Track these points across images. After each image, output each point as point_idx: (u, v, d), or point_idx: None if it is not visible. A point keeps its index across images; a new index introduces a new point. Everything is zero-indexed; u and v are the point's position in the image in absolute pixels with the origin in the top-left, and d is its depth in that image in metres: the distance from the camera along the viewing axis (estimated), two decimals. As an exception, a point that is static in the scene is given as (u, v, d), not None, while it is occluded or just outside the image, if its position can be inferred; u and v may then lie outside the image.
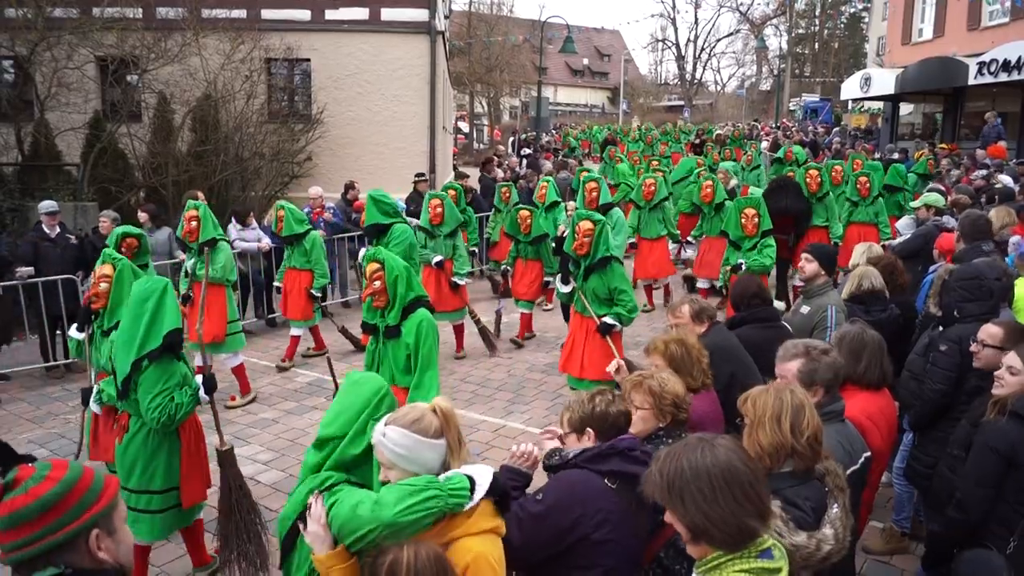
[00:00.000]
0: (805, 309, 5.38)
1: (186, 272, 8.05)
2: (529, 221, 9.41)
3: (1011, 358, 3.56)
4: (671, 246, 11.14)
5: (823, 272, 5.47)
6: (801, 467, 2.71)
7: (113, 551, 1.87)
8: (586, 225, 6.39)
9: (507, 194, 11.69)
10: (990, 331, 3.95)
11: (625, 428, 2.98)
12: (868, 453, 3.29)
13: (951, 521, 3.64)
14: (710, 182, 10.72)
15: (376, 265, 4.63)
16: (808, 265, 5.50)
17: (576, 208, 9.31)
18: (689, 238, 11.10)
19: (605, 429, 2.91)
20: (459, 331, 9.24)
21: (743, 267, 7.98)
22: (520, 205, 10.05)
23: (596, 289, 6.41)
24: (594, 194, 9.42)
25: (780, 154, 16.64)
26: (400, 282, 4.61)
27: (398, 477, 2.43)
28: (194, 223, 7.61)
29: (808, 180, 10.34)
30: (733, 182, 12.29)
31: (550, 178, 11.79)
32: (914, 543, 4.99)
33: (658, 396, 3.20)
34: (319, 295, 8.78)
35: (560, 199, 11.01)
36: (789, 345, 3.50)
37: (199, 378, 4.43)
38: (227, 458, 4.67)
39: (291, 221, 8.75)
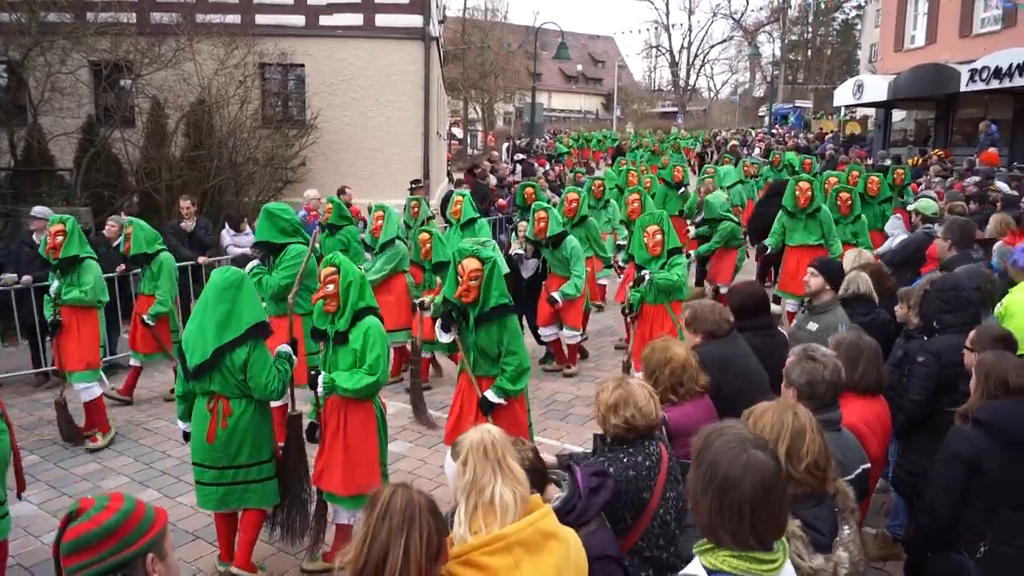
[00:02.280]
0: (813, 326, 5.17)
1: (50, 295, 7.06)
2: (429, 245, 8.02)
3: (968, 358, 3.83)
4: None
5: (828, 287, 5.29)
6: (799, 493, 2.63)
7: (164, 573, 2.11)
8: (472, 264, 4.93)
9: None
10: (970, 336, 4.07)
11: (537, 483, 2.98)
12: (867, 465, 3.30)
13: (922, 527, 3.75)
14: (636, 196, 10.10)
15: (332, 269, 4.65)
16: (813, 279, 5.32)
17: (525, 232, 8.74)
18: (619, 261, 9.86)
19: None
20: (398, 353, 8.57)
21: (647, 278, 7.10)
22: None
23: (485, 345, 5.03)
24: (542, 224, 8.37)
25: (787, 161, 16.70)
26: (353, 288, 4.64)
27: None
28: (59, 238, 6.84)
29: (797, 194, 9.17)
30: (723, 196, 11.29)
31: (466, 192, 10.28)
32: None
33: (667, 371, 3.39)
34: (151, 323, 7.75)
35: (476, 215, 9.44)
36: (799, 345, 3.55)
37: (285, 347, 4.97)
38: (295, 423, 5.07)
39: (140, 239, 7.84)
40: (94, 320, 7.06)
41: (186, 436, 4.80)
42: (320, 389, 4.60)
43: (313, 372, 4.66)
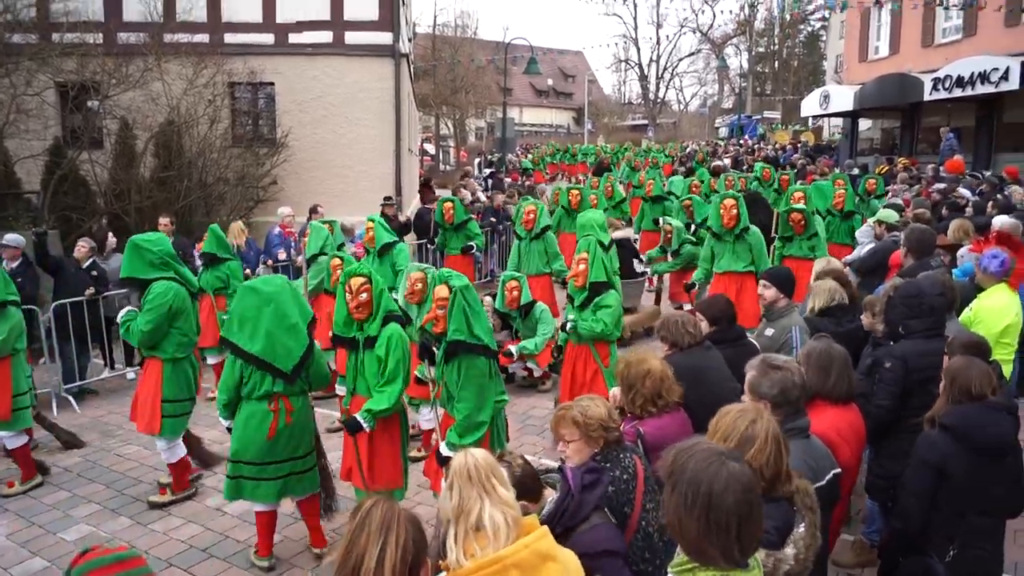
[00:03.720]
0: (769, 332, 5.40)
1: None
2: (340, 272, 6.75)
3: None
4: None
5: (782, 295, 5.47)
6: (763, 490, 2.63)
7: None
8: (441, 292, 4.85)
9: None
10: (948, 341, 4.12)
11: (533, 489, 3.06)
12: (837, 470, 3.32)
13: (894, 531, 3.85)
14: (532, 207, 9.84)
15: (363, 279, 4.84)
16: (766, 291, 5.48)
17: (493, 305, 8.48)
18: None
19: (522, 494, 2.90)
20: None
21: (568, 327, 6.47)
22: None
23: (448, 383, 4.79)
24: (515, 293, 8.15)
25: (757, 172, 16.69)
26: (385, 295, 4.93)
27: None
28: None
29: (722, 213, 8.59)
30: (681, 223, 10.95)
31: (376, 216, 9.31)
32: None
33: (583, 425, 3.22)
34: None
35: (393, 239, 8.74)
36: (756, 357, 3.55)
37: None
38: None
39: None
40: (5, 370, 6.35)
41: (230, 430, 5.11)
42: (367, 426, 4.79)
43: (347, 419, 4.92)
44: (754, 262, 8.54)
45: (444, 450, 4.76)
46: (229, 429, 5.10)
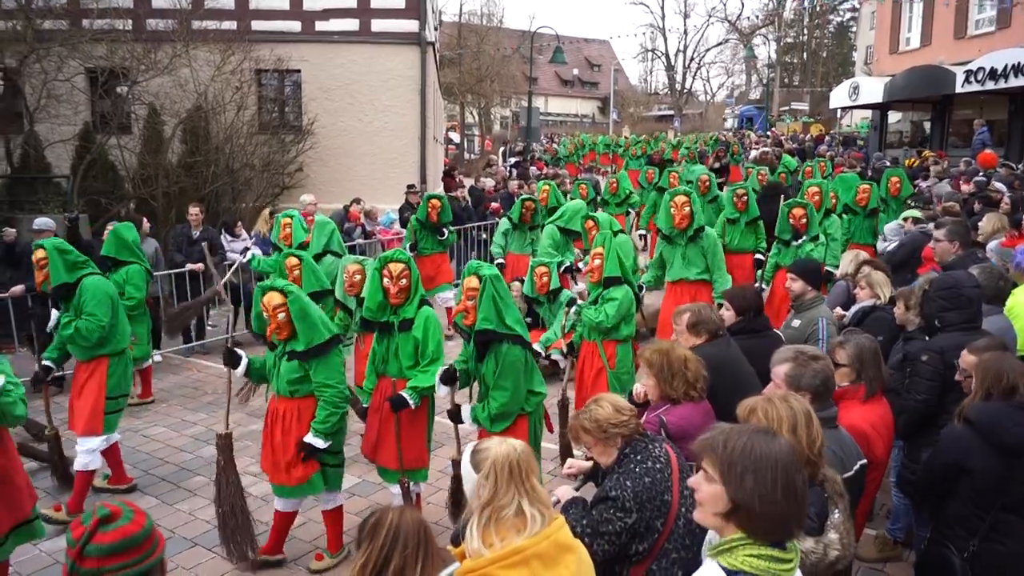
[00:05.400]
0: (796, 323, 5.43)
1: None
2: (297, 272, 6.66)
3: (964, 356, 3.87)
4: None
5: (810, 287, 5.52)
6: (810, 474, 2.69)
7: None
8: (470, 283, 4.74)
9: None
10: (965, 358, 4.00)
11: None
12: (864, 461, 3.31)
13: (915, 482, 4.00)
14: (436, 200, 9.89)
15: (403, 265, 4.95)
16: (794, 284, 5.56)
17: (521, 290, 7.89)
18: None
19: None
20: None
21: (574, 308, 6.40)
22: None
23: (486, 376, 4.76)
24: (544, 279, 7.49)
25: (789, 165, 16.37)
26: (419, 280, 5.07)
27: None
28: None
29: (673, 212, 7.51)
30: None
31: (293, 212, 8.90)
32: (907, 551, 4.99)
33: (595, 429, 3.22)
34: None
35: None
36: (782, 349, 3.54)
37: None
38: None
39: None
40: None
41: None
42: (412, 403, 4.84)
43: (393, 398, 4.89)
44: (708, 269, 7.46)
45: (465, 412, 4.93)
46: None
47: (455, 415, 5.03)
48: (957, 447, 3.48)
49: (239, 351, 5.06)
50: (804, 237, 8.13)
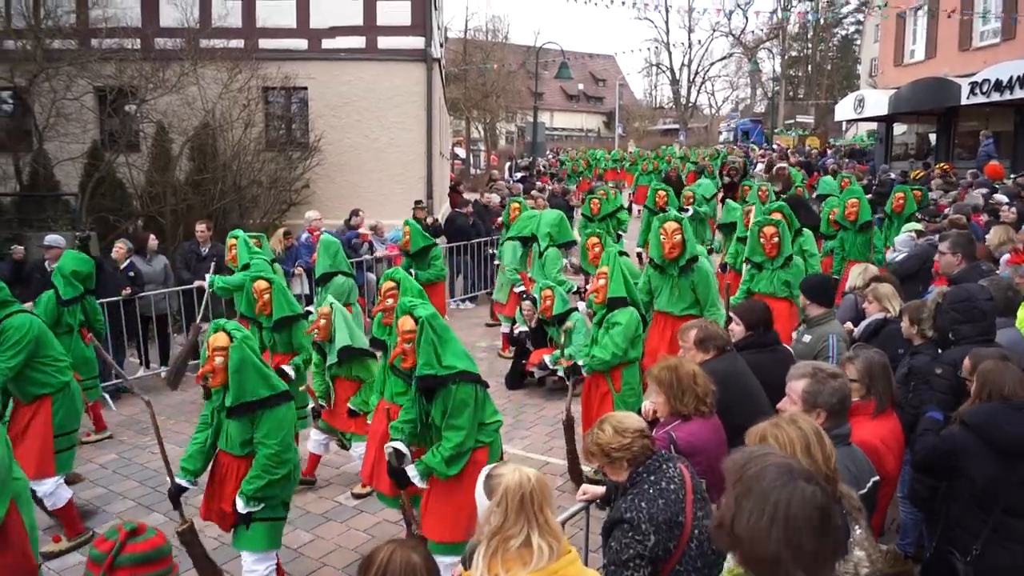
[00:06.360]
0: (807, 338, 5.41)
1: None
2: (268, 296, 6.33)
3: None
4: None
5: (819, 305, 5.52)
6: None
7: None
8: (405, 324, 4.43)
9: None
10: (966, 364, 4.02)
11: None
12: (876, 478, 3.29)
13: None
14: (406, 227, 9.93)
15: (392, 284, 4.89)
16: (803, 298, 5.66)
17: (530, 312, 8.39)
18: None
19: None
20: None
21: (583, 364, 6.07)
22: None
23: (435, 419, 4.42)
24: (548, 303, 8.00)
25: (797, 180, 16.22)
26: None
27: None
28: None
29: (662, 239, 6.81)
30: None
31: (239, 232, 8.93)
32: (916, 565, 4.95)
33: (599, 454, 3.21)
34: None
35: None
36: (800, 364, 3.53)
37: None
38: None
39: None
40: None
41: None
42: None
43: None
44: (698, 303, 6.84)
45: (412, 472, 4.39)
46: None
47: (401, 480, 4.45)
48: (948, 449, 3.49)
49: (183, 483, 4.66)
50: (775, 261, 7.32)
